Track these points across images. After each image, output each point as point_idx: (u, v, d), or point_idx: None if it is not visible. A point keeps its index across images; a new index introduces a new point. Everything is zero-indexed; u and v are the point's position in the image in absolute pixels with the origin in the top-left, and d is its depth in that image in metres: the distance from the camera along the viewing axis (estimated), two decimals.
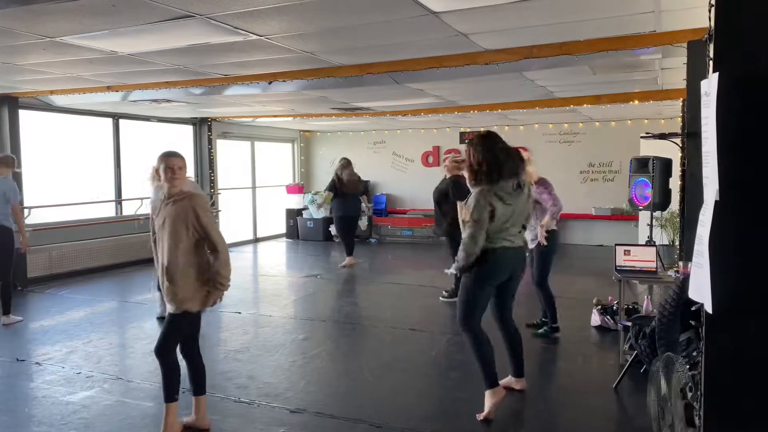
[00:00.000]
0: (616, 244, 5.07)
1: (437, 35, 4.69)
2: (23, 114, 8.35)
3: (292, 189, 13.66)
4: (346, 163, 9.71)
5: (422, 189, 12.52)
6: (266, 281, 9.08)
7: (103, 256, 9.39)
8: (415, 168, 13.46)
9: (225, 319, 6.52)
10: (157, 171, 3.57)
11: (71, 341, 5.64)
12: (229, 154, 12.51)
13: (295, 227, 13.34)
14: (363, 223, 12.31)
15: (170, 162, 3.53)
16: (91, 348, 5.44)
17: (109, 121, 10.01)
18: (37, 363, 5.03)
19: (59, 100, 8.41)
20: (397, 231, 13.01)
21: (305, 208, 13.27)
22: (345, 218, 9.79)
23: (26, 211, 8.25)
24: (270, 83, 6.67)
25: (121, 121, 10.17)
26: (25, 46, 4.92)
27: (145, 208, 10.09)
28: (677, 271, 4.73)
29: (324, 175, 14.35)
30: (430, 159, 13.26)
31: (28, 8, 3.77)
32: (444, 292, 7.25)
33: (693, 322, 3.23)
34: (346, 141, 14.22)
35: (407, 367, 4.91)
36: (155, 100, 8.35)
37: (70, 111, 9.11)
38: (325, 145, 14.57)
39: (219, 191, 11.91)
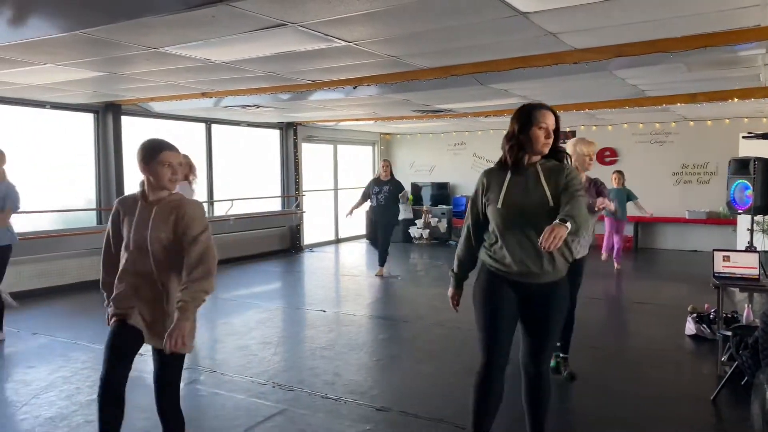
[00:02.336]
0: (714, 250, 4.83)
1: (525, 35, 4.64)
2: (124, 120, 8.92)
3: None
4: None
5: None
6: (348, 281, 9.25)
7: None
8: None
9: (310, 317, 6.70)
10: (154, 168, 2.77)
11: None
12: (312, 157, 12.84)
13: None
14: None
15: (169, 157, 2.78)
16: None
17: (203, 125, 10.51)
18: (139, 354, 5.35)
19: (157, 107, 8.92)
20: None
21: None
22: (393, 224, 9.41)
23: None
24: (354, 88, 6.81)
25: (213, 126, 10.66)
26: (130, 57, 5.27)
27: (236, 209, 10.55)
28: None
29: (404, 176, 14.45)
30: None
31: (137, 21, 4.04)
32: None
33: None
34: (426, 143, 14.25)
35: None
36: (245, 106, 8.70)
37: (167, 117, 9.65)
38: (405, 147, 14.66)
39: (303, 193, 12.25)
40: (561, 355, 4.49)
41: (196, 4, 3.61)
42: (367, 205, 9.60)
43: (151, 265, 2.77)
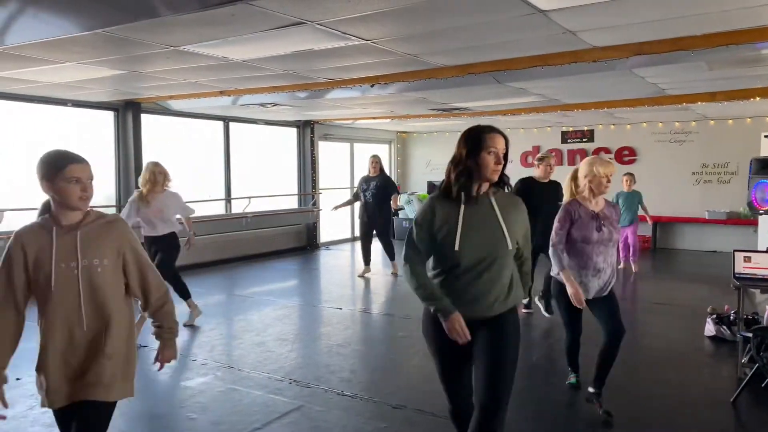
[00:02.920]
0: (735, 250, 4.77)
1: (543, 33, 4.61)
2: (144, 118, 9.00)
3: None
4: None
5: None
6: (364, 279, 9.26)
7: (212, 251, 9.95)
8: (514, 168, 13.21)
9: (326, 315, 6.72)
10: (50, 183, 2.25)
11: (187, 330, 6.03)
12: (329, 155, 12.88)
13: (392, 227, 13.48)
14: None
15: (76, 171, 2.26)
16: (205, 337, 5.80)
17: (220, 123, 10.59)
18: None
19: (176, 105, 9.00)
20: None
21: (401, 209, 13.42)
22: (387, 218, 9.12)
23: None
24: (372, 86, 6.81)
25: (231, 124, 10.74)
26: (151, 55, 5.32)
27: (252, 207, 10.61)
28: None
29: (420, 175, 14.46)
30: (530, 159, 12.99)
31: (157, 20, 4.07)
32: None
33: None
34: (443, 141, 14.21)
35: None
36: (263, 104, 8.74)
37: (185, 114, 9.72)
38: (422, 145, 14.64)
39: (320, 191, 12.29)
40: (594, 390, 3.92)
41: (217, 3, 3.64)
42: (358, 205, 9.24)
43: (82, 302, 2.28)
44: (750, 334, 4.14)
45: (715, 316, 5.64)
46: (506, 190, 2.65)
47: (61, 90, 7.38)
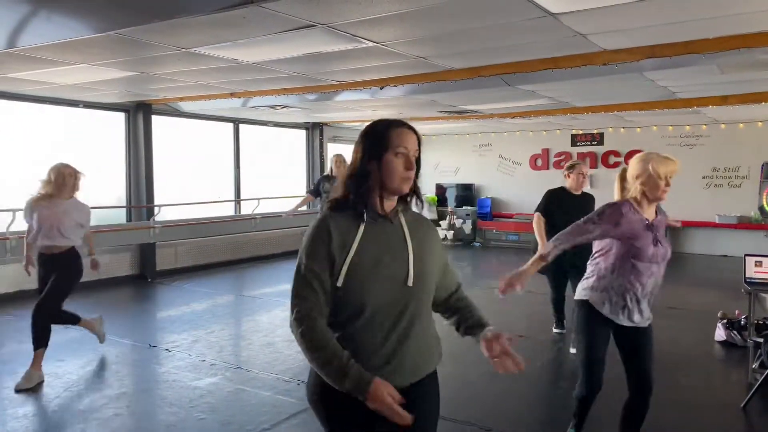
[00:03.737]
0: (746, 255, 4.74)
1: (554, 36, 4.61)
2: (155, 119, 9.06)
3: None
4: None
5: (530, 193, 12.26)
6: None
7: (222, 252, 9.99)
8: (523, 171, 13.20)
9: None
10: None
11: (196, 330, 6.05)
12: None
13: None
14: None
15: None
16: (214, 338, 5.82)
17: (230, 125, 10.64)
18: (167, 349, 5.45)
19: (186, 107, 9.05)
20: (502, 235, 12.82)
21: None
22: None
23: (156, 209, 8.95)
24: (381, 88, 6.83)
25: (241, 126, 10.78)
26: (162, 57, 5.36)
27: (262, 208, 10.65)
28: None
29: (428, 177, 14.45)
30: (539, 162, 12.96)
31: (169, 22, 4.11)
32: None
33: None
34: (452, 144, 14.22)
35: (515, 373, 4.85)
36: (273, 106, 8.78)
37: (196, 116, 9.78)
38: (431, 148, 14.63)
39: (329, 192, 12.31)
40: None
41: (228, 5, 3.66)
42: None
43: None
44: (761, 340, 4.11)
45: (725, 320, 5.60)
46: (419, 206, 1.95)
47: (73, 91, 7.44)
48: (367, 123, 1.97)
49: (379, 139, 1.85)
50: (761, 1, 3.78)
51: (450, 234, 13.11)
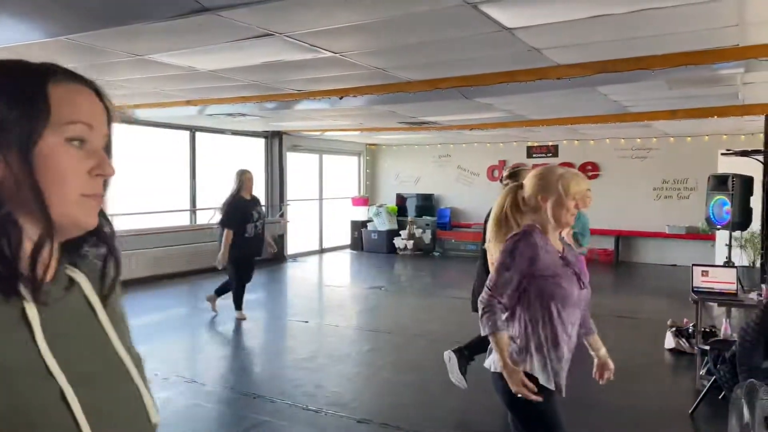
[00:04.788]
0: (693, 265, 4.90)
1: (509, 51, 4.69)
2: None
3: (357, 201, 13.86)
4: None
5: (488, 203, 12.37)
6: (331, 292, 9.22)
7: (178, 262, 9.79)
8: (481, 182, 13.37)
9: (292, 328, 6.66)
10: None
11: (149, 344, 5.89)
12: (298, 166, 12.83)
13: (360, 239, 13.51)
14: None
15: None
16: (168, 351, 5.68)
17: (186, 133, 10.46)
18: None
19: (141, 114, 8.86)
20: (461, 245, 12.94)
21: (370, 220, 13.45)
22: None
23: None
24: (341, 98, 6.82)
25: (198, 134, 10.61)
26: (115, 63, 5.23)
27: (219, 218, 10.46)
28: (760, 294, 4.52)
29: (389, 188, 14.50)
30: (496, 173, 13.15)
31: (122, 29, 4.02)
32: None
33: None
34: (412, 154, 14.31)
35: (474, 381, 4.88)
36: (230, 114, 8.67)
37: (150, 124, 9.58)
38: (391, 158, 14.71)
39: (288, 202, 12.22)
40: None
41: (183, 13, 3.61)
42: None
43: None
44: (707, 347, 4.24)
45: (674, 329, 5.77)
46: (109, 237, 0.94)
47: None
48: (325, 131, 1.47)
49: (23, 104, 0.82)
50: (707, 20, 3.93)
51: (410, 244, 13.16)
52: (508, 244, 2.37)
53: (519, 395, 2.25)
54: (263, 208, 7.05)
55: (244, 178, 6.79)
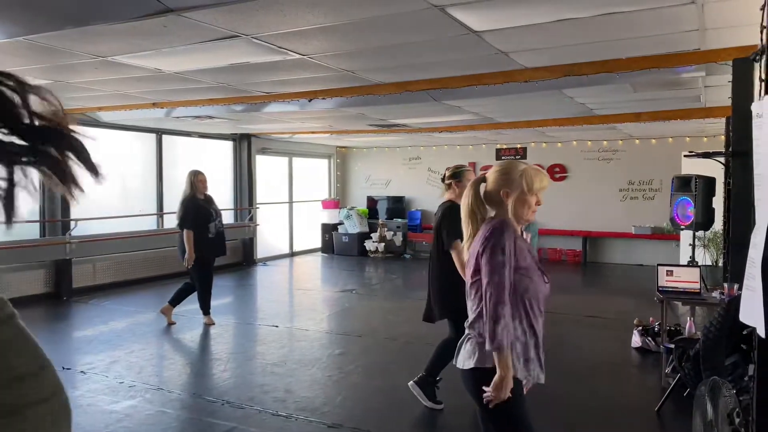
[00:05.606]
0: (658, 265, 4.98)
1: (477, 54, 4.72)
2: None
3: (327, 204, 13.79)
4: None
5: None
6: (302, 295, 9.15)
7: (144, 268, 9.61)
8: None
9: (261, 333, 6.59)
10: None
11: (114, 351, 5.77)
12: (267, 169, 12.71)
13: (331, 242, 13.45)
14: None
15: None
16: (133, 358, 5.56)
17: (153, 136, 10.28)
18: (81, 372, 5.17)
19: (105, 116, 8.68)
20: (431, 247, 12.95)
21: (341, 223, 13.40)
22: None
23: (72, 223, 8.52)
24: (310, 101, 6.79)
25: (164, 137, 10.44)
26: (78, 65, 5.12)
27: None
28: (722, 293, 4.62)
29: (360, 190, 14.47)
30: None
31: (83, 29, 3.93)
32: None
33: (744, 346, 3.15)
34: (382, 156, 14.32)
35: (445, 384, 4.89)
36: (198, 117, 8.56)
37: (116, 126, 9.39)
38: (361, 160, 14.68)
39: (257, 206, 12.10)
40: None
41: (147, 13, 3.54)
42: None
43: None
44: (672, 345, 4.32)
45: (641, 327, 5.86)
46: None
47: None
48: (294, 133, 1.58)
49: None
50: (669, 25, 4.01)
51: (381, 246, 13.15)
52: (494, 239, 2.27)
53: (492, 400, 2.24)
54: (218, 206, 7.00)
55: (196, 179, 6.73)
